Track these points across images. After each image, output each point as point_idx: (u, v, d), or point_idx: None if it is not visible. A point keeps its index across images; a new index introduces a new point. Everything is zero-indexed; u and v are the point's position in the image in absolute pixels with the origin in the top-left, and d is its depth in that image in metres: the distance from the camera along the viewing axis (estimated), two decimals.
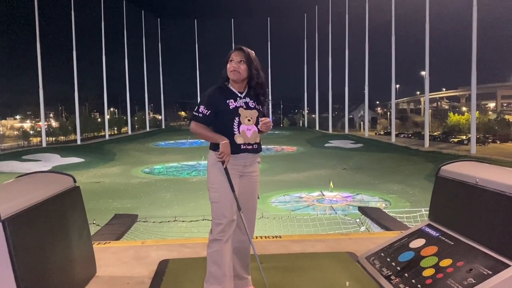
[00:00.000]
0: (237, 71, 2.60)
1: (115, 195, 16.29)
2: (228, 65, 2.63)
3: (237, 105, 2.62)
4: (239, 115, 2.61)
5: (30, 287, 2.12)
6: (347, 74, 43.84)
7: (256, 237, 3.86)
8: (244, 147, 2.63)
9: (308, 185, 18.46)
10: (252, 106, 2.66)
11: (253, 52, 2.69)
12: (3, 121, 55.50)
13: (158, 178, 21.62)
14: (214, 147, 2.63)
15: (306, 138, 38.92)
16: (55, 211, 2.57)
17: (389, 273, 2.84)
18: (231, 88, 2.66)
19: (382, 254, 3.11)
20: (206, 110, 2.57)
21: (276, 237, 4.06)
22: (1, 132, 42.38)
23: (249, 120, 2.62)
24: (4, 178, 2.69)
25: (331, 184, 17.17)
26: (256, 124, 2.65)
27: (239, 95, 2.65)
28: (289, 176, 20.71)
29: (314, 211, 13.25)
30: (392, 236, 3.50)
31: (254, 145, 2.66)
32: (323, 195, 16.72)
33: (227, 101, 2.60)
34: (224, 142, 2.52)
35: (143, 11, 50.65)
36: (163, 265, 3.26)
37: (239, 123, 2.61)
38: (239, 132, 2.60)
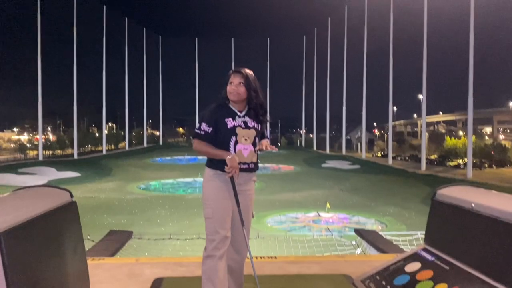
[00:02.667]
0: (237, 93, 2.66)
1: (110, 211, 16.16)
2: (227, 87, 2.68)
3: (235, 124, 2.65)
4: (236, 134, 2.64)
5: None
6: (344, 95, 44.18)
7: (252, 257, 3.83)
8: (240, 166, 2.65)
9: (304, 205, 18.38)
10: (251, 126, 2.69)
11: (251, 73, 2.73)
12: (0, 134, 55.37)
13: (153, 195, 21.50)
14: (210, 164, 2.66)
15: (303, 157, 38.93)
16: (51, 226, 2.57)
17: None
18: (231, 106, 2.71)
19: (378, 277, 3.10)
20: (208, 127, 2.62)
21: (271, 257, 4.04)
22: None
23: (246, 140, 2.65)
24: None
25: (328, 205, 17.10)
26: (254, 143, 2.69)
27: (239, 113, 2.70)
28: (285, 195, 20.64)
29: (310, 232, 13.17)
30: (388, 259, 3.49)
31: (250, 164, 2.69)
32: (320, 215, 16.63)
33: (225, 119, 2.64)
34: (230, 157, 2.55)
35: (144, 28, 51.22)
36: (158, 283, 3.24)
37: (236, 142, 2.64)
38: (235, 151, 2.63)
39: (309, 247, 6.96)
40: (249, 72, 2.72)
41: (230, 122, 2.65)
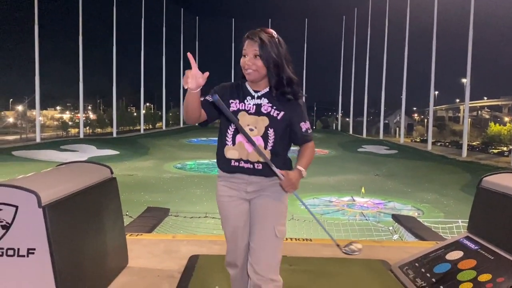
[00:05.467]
0: (252, 70, 1.96)
1: (147, 189, 16.58)
2: (241, 60, 1.99)
3: (240, 108, 2.01)
4: (237, 120, 1.99)
5: (65, 272, 2.17)
6: (384, 78, 43.03)
7: (286, 239, 3.82)
8: (236, 164, 2.04)
9: (338, 190, 18.22)
10: (265, 111, 2.00)
11: (272, 34, 1.97)
12: (44, 111, 57.62)
13: (189, 174, 21.87)
14: (218, 163, 2.13)
15: (339, 141, 38.42)
16: (92, 200, 2.63)
17: (423, 284, 2.74)
18: (247, 85, 2.06)
19: (417, 264, 3.01)
20: (210, 97, 1.92)
21: (306, 239, 4.01)
22: (42, 122, 43.98)
23: (251, 130, 1.99)
24: (43, 167, 2.79)
25: (363, 189, 16.87)
26: (266, 136, 1.99)
27: (253, 94, 2.03)
28: (319, 179, 20.50)
29: (344, 216, 13.06)
30: (428, 246, 3.39)
31: (257, 165, 2.01)
32: (354, 200, 16.45)
33: (230, 100, 2.03)
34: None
35: (182, 9, 51.47)
36: (193, 260, 3.28)
37: (236, 131, 2.01)
38: (233, 143, 2.03)
39: (344, 231, 6.89)
40: (268, 35, 1.95)
41: (234, 105, 2.02)
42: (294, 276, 3.02)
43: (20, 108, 47.16)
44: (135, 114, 54.57)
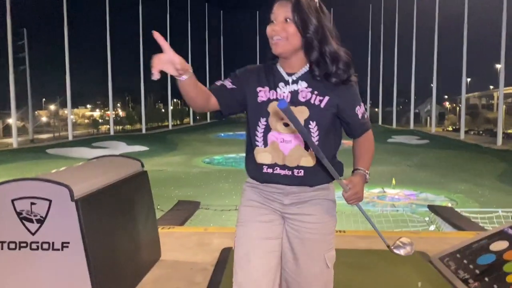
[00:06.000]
0: (280, 37, 1.45)
1: (176, 183, 16.77)
2: (267, 28, 1.50)
3: (270, 97, 1.52)
4: (267, 114, 1.52)
5: (100, 266, 2.16)
6: (414, 66, 41.94)
7: None
8: (270, 170, 1.54)
9: (369, 181, 17.93)
10: (304, 99, 1.49)
11: None
12: (75, 110, 59.14)
13: (217, 168, 21.99)
14: (247, 168, 1.67)
15: None
16: (124, 193, 2.62)
17: (467, 276, 2.61)
18: (279, 68, 1.55)
19: (458, 255, 2.88)
20: (230, 83, 1.56)
21: (340, 231, 3.92)
22: (73, 120, 45.15)
23: (286, 125, 1.50)
24: (75, 164, 2.81)
25: (393, 181, 16.53)
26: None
27: (286, 78, 1.53)
28: (347, 171, 19.96)
29: (375, 208, 12.83)
30: (468, 237, 3.24)
31: (297, 171, 1.52)
32: (384, 191, 16.14)
33: (258, 88, 1.54)
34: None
35: (206, 3, 51.63)
36: (226, 253, 3.25)
37: (268, 128, 1.52)
38: (264, 143, 1.54)
39: (378, 222, 6.74)
40: None
41: (263, 93, 1.53)
42: (340, 269, 2.94)
43: (52, 107, 48.57)
44: (163, 110, 55.27)
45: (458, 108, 47.43)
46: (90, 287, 2.08)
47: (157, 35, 1.31)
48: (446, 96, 69.55)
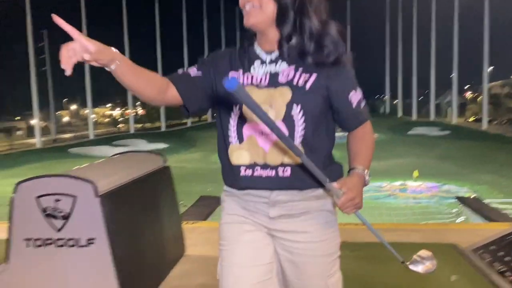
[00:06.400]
0: (253, 5, 1.23)
1: (197, 179, 16.87)
2: None
3: (244, 81, 1.26)
4: (240, 102, 1.24)
5: (125, 261, 2.14)
6: (433, 56, 41.10)
7: (345, 224, 3.66)
8: (249, 172, 1.26)
9: (389, 174, 17.64)
10: (284, 80, 1.22)
11: None
12: (96, 109, 60.04)
13: None
14: (222, 173, 1.41)
15: (388, 125, 37.25)
16: (147, 189, 2.60)
17: (504, 269, 2.51)
18: (255, 47, 1.31)
19: (493, 247, 2.77)
20: (195, 70, 1.31)
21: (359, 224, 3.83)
22: (94, 120, 45.86)
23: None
24: None
25: (415, 173, 16.26)
26: (288, 119, 1.21)
27: (263, 57, 1.28)
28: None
29: (395, 200, 12.64)
30: (502, 228, 3.12)
31: (283, 169, 1.22)
32: (406, 184, 15.91)
33: (230, 72, 1.29)
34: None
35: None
36: None
37: (242, 119, 1.26)
38: (239, 138, 1.27)
39: (403, 215, 6.61)
40: None
41: (236, 77, 1.28)
42: (357, 263, 2.87)
43: (73, 107, 49.39)
44: None
45: (480, 98, 46.37)
46: (116, 284, 2.06)
47: (57, 19, 1.00)
48: (466, 87, 68.09)
